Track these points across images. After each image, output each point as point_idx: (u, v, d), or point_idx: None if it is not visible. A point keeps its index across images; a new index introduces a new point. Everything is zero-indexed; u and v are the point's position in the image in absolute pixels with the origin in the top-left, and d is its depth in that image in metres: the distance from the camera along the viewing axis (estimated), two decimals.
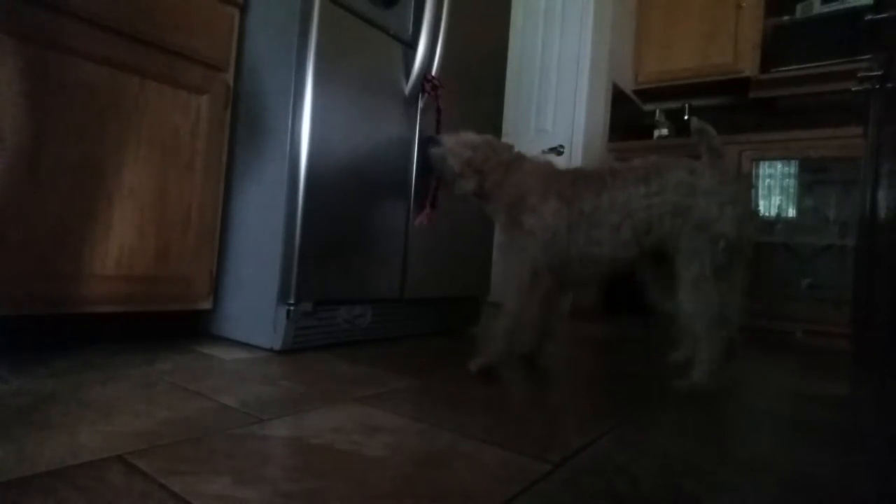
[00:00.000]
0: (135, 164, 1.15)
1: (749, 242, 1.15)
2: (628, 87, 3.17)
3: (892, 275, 1.29)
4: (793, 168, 2.60)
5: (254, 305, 1.27)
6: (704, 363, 1.13)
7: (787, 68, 2.77)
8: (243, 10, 1.34)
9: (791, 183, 2.62)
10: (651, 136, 3.12)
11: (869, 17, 1.54)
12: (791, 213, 2.61)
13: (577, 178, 1.24)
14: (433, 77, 1.50)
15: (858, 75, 1.73)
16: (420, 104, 1.52)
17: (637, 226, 1.15)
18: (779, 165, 2.62)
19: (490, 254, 1.89)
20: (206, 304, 1.32)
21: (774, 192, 2.63)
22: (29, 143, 0.99)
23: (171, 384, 0.91)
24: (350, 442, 0.71)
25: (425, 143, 1.51)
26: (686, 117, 3.19)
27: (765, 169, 2.62)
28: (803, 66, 2.72)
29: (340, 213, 1.31)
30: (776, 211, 2.62)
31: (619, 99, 3.00)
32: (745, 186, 1.21)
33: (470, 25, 1.70)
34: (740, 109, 3.10)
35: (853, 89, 1.78)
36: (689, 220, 1.12)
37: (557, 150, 2.74)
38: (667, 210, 1.13)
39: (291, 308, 1.21)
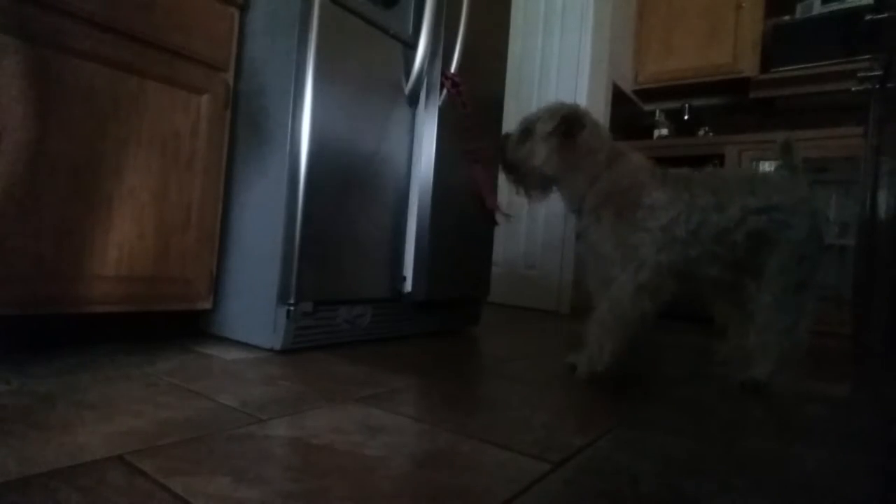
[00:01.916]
0: (135, 164, 1.15)
1: (822, 247, 1.21)
2: (628, 87, 3.17)
3: (892, 275, 1.29)
4: None
5: (254, 305, 1.27)
6: (770, 360, 1.18)
7: (787, 68, 2.77)
8: (243, 10, 1.34)
9: None
10: (651, 136, 3.12)
11: (869, 17, 1.54)
12: None
13: (692, 181, 1.20)
14: (453, 74, 1.50)
15: (858, 75, 1.73)
16: (438, 102, 1.52)
17: (747, 234, 1.16)
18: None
19: (490, 254, 1.89)
20: (206, 304, 1.32)
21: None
22: (29, 142, 0.99)
23: (171, 384, 0.91)
24: (350, 442, 0.71)
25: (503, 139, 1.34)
26: (686, 117, 3.19)
27: (765, 169, 2.62)
28: (803, 66, 2.72)
29: (341, 212, 1.31)
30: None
31: (619, 99, 3.00)
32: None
33: (470, 25, 1.70)
34: (740, 109, 3.10)
35: (853, 89, 1.78)
36: (784, 235, 1.15)
37: None
38: (769, 222, 1.16)
39: (291, 308, 1.21)
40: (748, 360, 1.22)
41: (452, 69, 1.51)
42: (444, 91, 1.50)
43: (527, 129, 1.25)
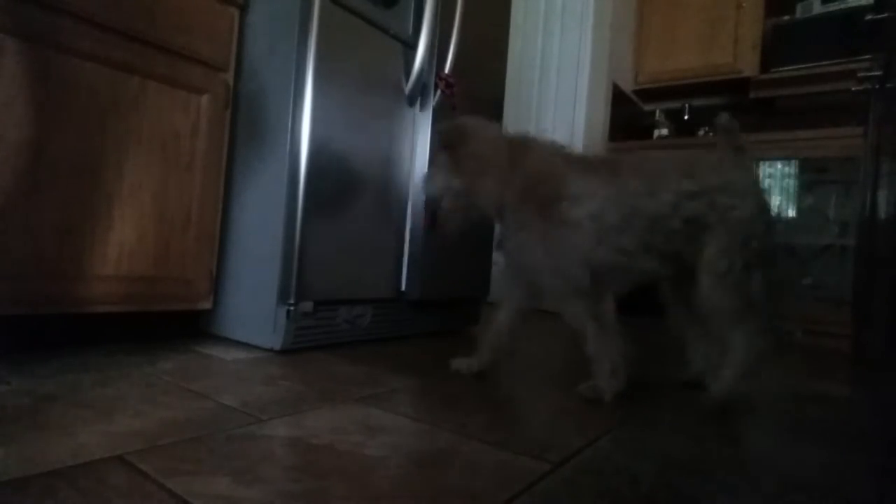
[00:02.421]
0: (135, 164, 1.15)
1: (772, 242, 1.11)
2: (628, 87, 3.17)
3: (892, 275, 1.29)
4: (793, 168, 2.60)
5: (254, 305, 1.27)
6: (730, 368, 1.03)
7: (787, 68, 2.77)
8: (243, 10, 1.34)
9: (791, 183, 2.61)
10: (651, 136, 3.12)
11: (869, 17, 1.54)
12: (791, 213, 2.61)
13: (619, 165, 1.11)
14: (447, 75, 1.50)
15: (858, 75, 1.73)
16: (433, 103, 1.52)
17: (685, 221, 1.06)
18: (779, 165, 2.62)
19: (490, 254, 1.89)
20: (206, 304, 1.32)
21: (774, 192, 2.63)
22: (29, 142, 0.99)
23: (171, 384, 0.91)
24: (350, 442, 0.71)
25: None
26: (686, 117, 3.19)
27: (765, 169, 2.62)
28: (803, 66, 2.72)
29: (341, 212, 1.31)
30: (776, 211, 2.62)
31: (619, 99, 3.00)
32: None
33: (470, 25, 1.70)
34: (740, 109, 3.10)
35: (853, 89, 1.78)
36: (724, 218, 1.05)
37: None
38: (709, 207, 1.06)
39: (291, 308, 1.21)
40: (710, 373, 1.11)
41: (447, 69, 1.51)
42: (439, 92, 1.50)
43: (433, 161, 1.21)
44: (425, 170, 1.30)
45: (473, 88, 1.74)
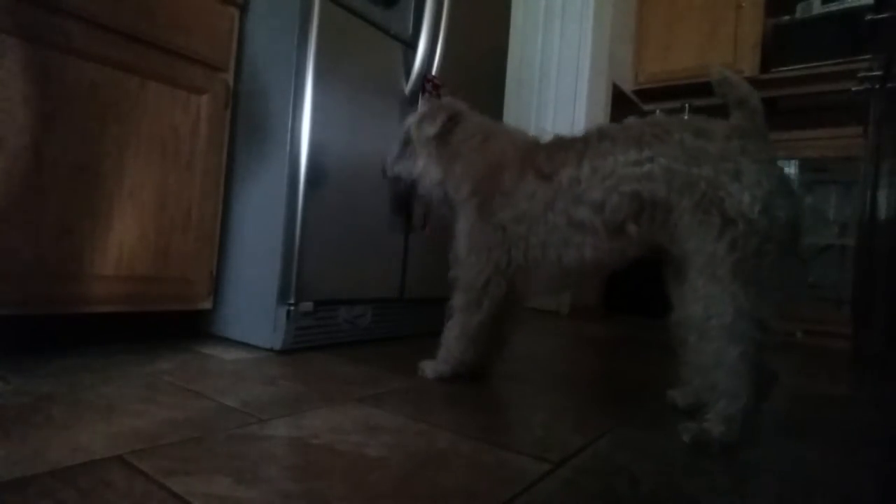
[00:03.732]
0: (135, 164, 1.15)
1: (790, 228, 0.80)
2: (628, 87, 3.17)
3: (891, 275, 1.29)
4: (793, 168, 2.60)
5: (254, 305, 1.27)
6: (721, 403, 0.79)
7: (787, 68, 2.77)
8: (243, 10, 1.34)
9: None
10: None
11: (869, 17, 1.54)
12: None
13: (557, 147, 0.97)
14: (433, 77, 1.50)
15: (858, 75, 1.73)
16: (419, 104, 1.52)
17: (624, 204, 0.86)
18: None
19: None
20: (206, 304, 1.32)
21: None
22: (29, 142, 0.99)
23: (171, 384, 0.91)
24: (350, 442, 0.71)
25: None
26: (686, 117, 3.19)
27: None
28: (803, 66, 2.72)
29: (340, 212, 1.31)
30: None
31: (619, 99, 3.00)
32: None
33: (470, 25, 1.70)
34: None
35: (853, 89, 1.78)
36: (691, 197, 0.81)
37: None
38: (661, 181, 0.83)
39: (291, 308, 1.21)
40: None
41: (433, 72, 1.50)
42: (427, 94, 1.51)
43: (406, 140, 1.11)
44: (392, 150, 1.18)
45: (473, 88, 1.74)
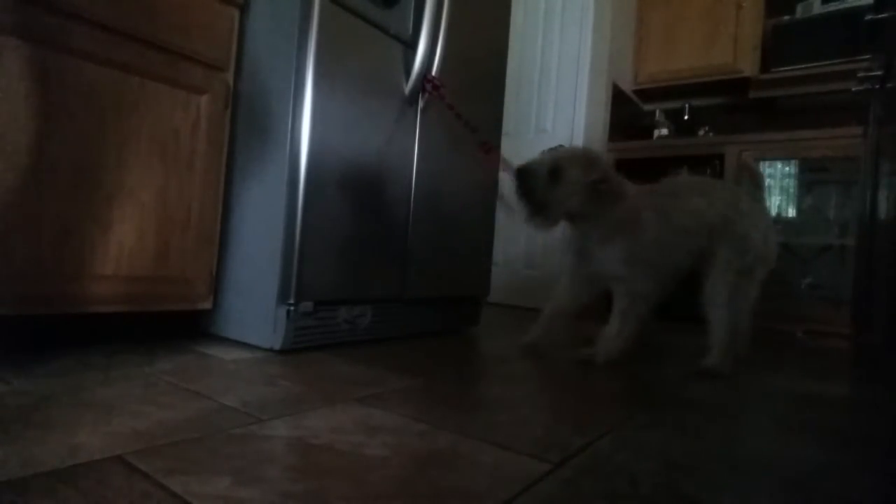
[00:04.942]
0: (135, 164, 1.15)
1: (771, 254, 1.45)
2: (628, 87, 3.17)
3: (891, 275, 1.29)
4: (793, 168, 2.60)
5: (254, 305, 1.27)
6: (716, 346, 1.37)
7: (787, 68, 2.77)
8: (243, 10, 1.34)
9: (791, 183, 2.61)
10: (651, 136, 3.12)
11: (869, 17, 1.54)
12: (791, 213, 2.61)
13: (663, 192, 1.44)
14: (433, 77, 1.50)
15: (858, 75, 1.73)
16: (420, 104, 1.52)
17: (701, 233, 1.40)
18: (779, 165, 2.62)
19: (490, 254, 1.89)
20: (206, 304, 1.32)
21: (774, 192, 2.63)
22: (29, 143, 0.99)
23: (171, 384, 0.91)
24: (350, 442, 0.71)
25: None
26: (686, 117, 3.19)
27: (765, 169, 2.62)
28: (803, 66, 2.72)
29: (340, 212, 1.31)
30: (776, 211, 2.62)
31: (619, 99, 3.00)
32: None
33: (470, 25, 1.70)
34: (740, 109, 3.10)
35: (853, 89, 1.78)
36: (730, 232, 1.39)
37: None
38: (717, 222, 1.39)
39: (291, 308, 1.21)
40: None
41: (433, 72, 1.51)
42: (426, 94, 1.51)
43: (555, 170, 1.31)
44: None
45: (473, 88, 1.74)
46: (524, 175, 1.33)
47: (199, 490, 0.54)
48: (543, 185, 1.31)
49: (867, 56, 2.01)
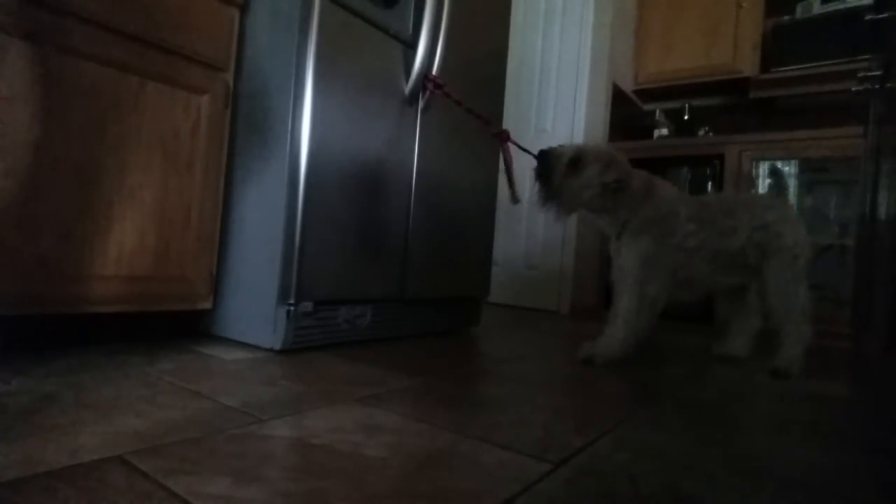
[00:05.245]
0: (135, 164, 1.15)
1: (809, 249, 1.53)
2: (628, 87, 3.17)
3: (891, 275, 1.29)
4: (793, 168, 2.60)
5: (254, 305, 1.27)
6: (791, 349, 1.43)
7: (787, 68, 2.77)
8: (243, 10, 1.34)
9: (791, 183, 2.61)
10: (651, 136, 3.12)
11: (869, 17, 1.54)
12: None
13: (707, 204, 1.48)
14: (434, 77, 1.50)
15: (858, 75, 1.73)
16: (420, 104, 1.52)
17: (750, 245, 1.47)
18: (779, 165, 2.61)
19: (490, 254, 1.89)
20: (206, 304, 1.32)
21: (774, 192, 2.62)
22: (30, 142, 0.99)
23: (171, 384, 0.91)
24: (350, 442, 0.71)
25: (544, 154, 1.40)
26: (686, 117, 3.19)
27: (765, 169, 2.62)
28: (803, 66, 2.72)
29: (340, 212, 1.31)
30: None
31: (619, 99, 3.00)
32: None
33: (470, 25, 1.70)
34: (740, 109, 3.10)
35: (853, 89, 1.78)
36: (780, 242, 1.47)
37: None
38: (767, 233, 1.47)
39: (291, 308, 1.21)
40: (775, 349, 1.47)
41: (434, 72, 1.51)
42: (427, 94, 1.51)
43: (576, 160, 1.34)
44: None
45: (473, 88, 1.74)
46: (545, 158, 1.35)
47: (199, 490, 0.54)
48: (562, 171, 1.33)
49: (867, 56, 2.02)
